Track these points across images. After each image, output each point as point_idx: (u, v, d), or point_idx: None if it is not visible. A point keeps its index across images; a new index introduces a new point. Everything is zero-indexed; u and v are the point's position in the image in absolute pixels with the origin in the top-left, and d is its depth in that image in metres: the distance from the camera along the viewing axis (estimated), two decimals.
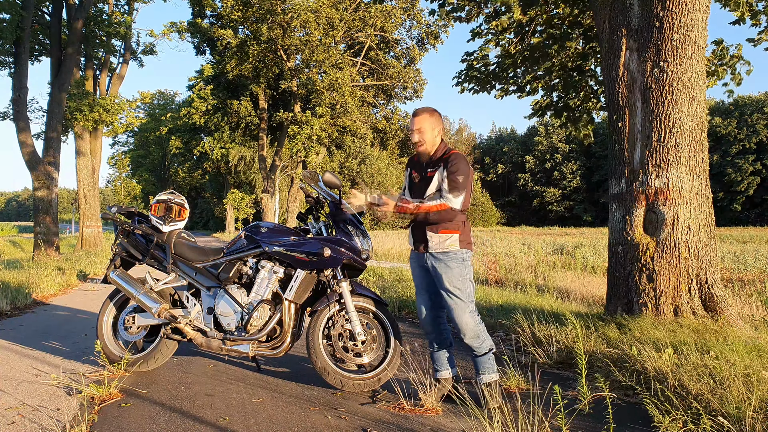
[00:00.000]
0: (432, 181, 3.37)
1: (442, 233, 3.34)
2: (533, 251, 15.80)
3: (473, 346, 3.36)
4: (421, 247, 3.43)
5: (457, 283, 3.33)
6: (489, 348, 3.40)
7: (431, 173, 3.39)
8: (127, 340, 4.13)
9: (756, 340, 3.93)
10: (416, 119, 3.43)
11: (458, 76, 8.59)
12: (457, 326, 3.34)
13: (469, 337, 3.33)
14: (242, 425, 3.05)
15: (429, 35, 30.19)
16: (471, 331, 3.32)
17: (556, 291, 8.26)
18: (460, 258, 3.35)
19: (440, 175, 3.34)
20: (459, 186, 3.29)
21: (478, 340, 3.35)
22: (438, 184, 3.35)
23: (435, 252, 3.37)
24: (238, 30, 27.09)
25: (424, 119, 3.42)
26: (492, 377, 3.38)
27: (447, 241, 3.34)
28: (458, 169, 3.30)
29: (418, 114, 3.45)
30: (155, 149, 57.21)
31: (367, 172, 53.58)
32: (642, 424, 2.99)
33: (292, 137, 26.60)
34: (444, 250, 3.35)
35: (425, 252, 3.42)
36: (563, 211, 69.28)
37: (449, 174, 3.30)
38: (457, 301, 3.33)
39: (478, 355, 3.38)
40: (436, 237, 3.35)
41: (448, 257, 3.34)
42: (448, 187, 3.30)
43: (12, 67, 15.23)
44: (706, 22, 4.81)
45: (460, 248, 3.36)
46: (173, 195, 4.28)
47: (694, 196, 4.66)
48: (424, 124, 3.41)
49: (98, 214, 19.30)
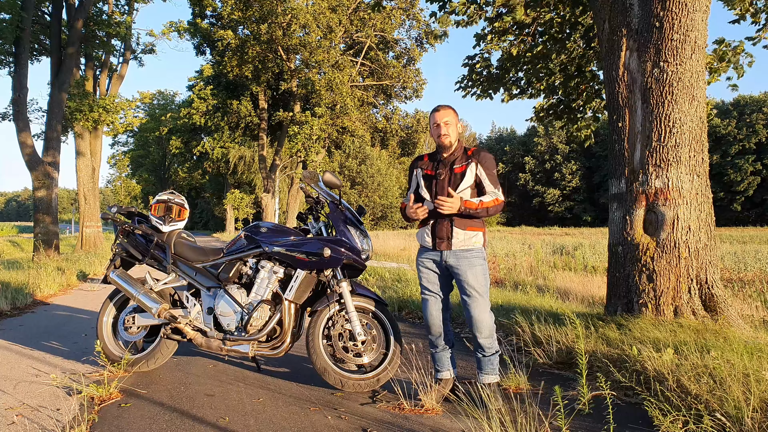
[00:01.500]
0: (465, 176, 3.35)
1: (469, 230, 3.33)
2: (533, 251, 15.80)
3: (485, 345, 3.34)
4: (444, 244, 3.36)
5: (481, 280, 3.33)
6: (497, 350, 3.39)
7: (461, 168, 3.37)
8: (127, 340, 4.13)
9: (756, 340, 3.93)
10: (443, 112, 3.41)
11: (461, 81, 8.61)
12: (475, 323, 3.31)
13: (485, 336, 3.32)
14: (242, 425, 3.05)
15: (428, 35, 30.21)
16: (488, 330, 3.31)
17: (556, 291, 8.27)
18: (482, 256, 3.37)
19: (474, 171, 3.35)
20: (498, 180, 3.39)
21: (491, 340, 3.35)
22: (474, 179, 3.35)
23: (459, 249, 3.34)
24: (238, 30, 27.09)
25: (449, 113, 3.42)
26: (493, 378, 3.38)
27: (473, 238, 3.34)
28: (494, 164, 3.40)
29: (442, 109, 3.43)
30: (155, 149, 57.21)
31: (367, 172, 53.57)
32: (642, 424, 2.98)
33: (292, 137, 26.61)
34: (468, 248, 3.33)
35: (446, 249, 3.36)
36: (563, 211, 69.29)
37: (487, 170, 3.36)
38: (479, 299, 3.31)
39: (486, 355, 3.37)
40: (463, 234, 3.33)
41: (472, 254, 3.34)
42: (491, 182, 3.35)
43: (12, 67, 15.24)
44: (706, 22, 4.81)
45: (482, 246, 3.39)
46: (173, 195, 4.28)
47: (694, 196, 4.65)
48: (450, 118, 3.40)
49: (98, 214, 19.30)
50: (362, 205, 4.24)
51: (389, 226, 52.93)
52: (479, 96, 8.59)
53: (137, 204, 64.01)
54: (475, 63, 8.34)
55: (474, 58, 8.35)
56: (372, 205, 52.98)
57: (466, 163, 3.36)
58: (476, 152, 3.39)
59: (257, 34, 25.14)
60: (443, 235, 3.36)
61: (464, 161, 3.37)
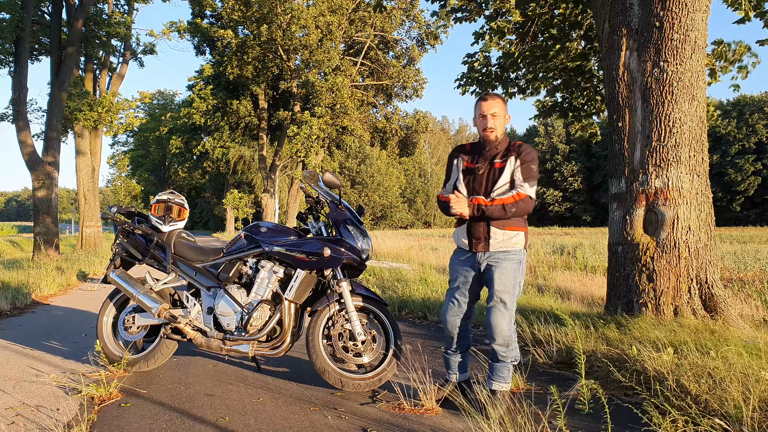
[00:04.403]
0: (504, 172, 3.10)
1: (508, 230, 3.09)
2: (533, 251, 15.79)
3: (499, 352, 3.17)
4: (481, 245, 3.13)
5: (510, 286, 3.11)
6: (514, 358, 3.21)
7: (501, 164, 3.12)
8: (127, 340, 4.13)
9: (756, 340, 3.93)
10: (491, 102, 3.13)
11: (460, 78, 8.61)
12: (492, 329, 3.14)
13: (498, 344, 3.15)
14: (242, 425, 3.05)
15: (429, 36, 30.22)
16: (502, 338, 3.13)
17: (556, 291, 8.26)
18: (518, 259, 3.13)
19: (512, 166, 3.10)
20: (533, 175, 3.10)
21: (506, 349, 3.17)
22: (510, 176, 3.10)
23: (497, 251, 3.11)
24: (238, 30, 27.10)
25: (498, 103, 3.13)
26: (503, 387, 3.22)
27: (514, 238, 3.11)
28: (533, 158, 3.11)
29: (490, 98, 3.15)
30: (155, 149, 57.19)
31: (367, 172, 53.58)
32: (642, 424, 2.98)
33: (292, 137, 26.62)
34: (507, 249, 3.10)
35: (484, 251, 3.13)
36: (563, 211, 69.30)
37: (523, 163, 3.08)
38: (500, 306, 3.10)
39: (497, 361, 3.21)
40: (501, 234, 3.09)
41: (508, 257, 3.11)
42: (523, 175, 3.07)
43: (12, 67, 15.24)
44: (706, 22, 4.81)
45: (523, 248, 3.17)
46: (173, 195, 4.28)
47: (694, 196, 4.66)
48: (498, 109, 3.13)
49: (98, 214, 19.30)
50: (362, 205, 4.23)
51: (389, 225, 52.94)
52: (478, 93, 8.60)
53: (137, 204, 63.98)
54: (475, 61, 8.34)
55: (474, 56, 8.36)
56: (372, 204, 53.00)
57: (506, 158, 3.11)
58: (518, 146, 3.14)
59: (257, 35, 25.15)
60: (480, 236, 3.13)
61: (506, 156, 3.12)
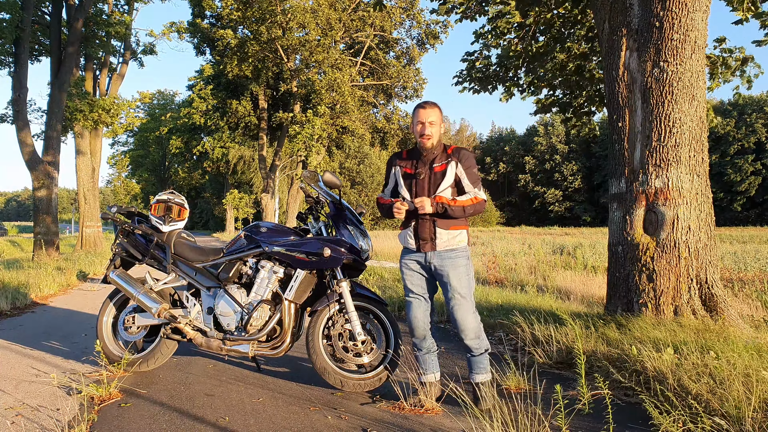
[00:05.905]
0: (446, 176, 3.27)
1: (452, 229, 3.27)
2: (533, 251, 15.80)
3: (473, 346, 3.30)
4: (428, 245, 3.30)
5: (464, 281, 3.28)
6: (486, 348, 3.35)
7: (440, 167, 3.28)
8: (127, 340, 4.13)
9: (756, 340, 3.93)
10: (428, 111, 3.30)
11: (458, 75, 8.60)
12: (460, 326, 3.26)
13: (470, 338, 3.27)
14: (242, 425, 3.05)
15: (429, 35, 30.22)
16: (472, 332, 3.27)
17: (556, 291, 8.27)
18: (466, 255, 3.31)
19: (454, 169, 3.27)
20: (478, 177, 3.32)
21: (478, 341, 3.31)
22: (454, 178, 3.28)
23: (443, 250, 3.28)
24: (238, 30, 27.09)
25: (435, 112, 3.32)
26: (485, 377, 3.34)
27: (457, 237, 3.28)
28: (473, 162, 3.32)
29: (428, 106, 3.32)
30: (155, 149, 57.19)
31: (367, 172, 53.59)
32: (642, 424, 2.98)
33: (293, 137, 26.60)
34: (453, 247, 3.27)
35: (431, 251, 3.30)
36: (563, 211, 69.32)
37: (467, 168, 3.27)
38: (462, 301, 3.26)
39: (475, 355, 3.33)
40: (446, 234, 3.26)
41: (456, 254, 3.28)
42: (470, 181, 3.27)
43: (12, 67, 15.24)
44: (706, 22, 4.81)
45: (467, 245, 3.34)
46: (173, 195, 4.28)
47: (694, 196, 4.65)
48: (435, 117, 3.31)
49: (98, 214, 19.30)
50: (362, 205, 4.23)
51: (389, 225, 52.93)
52: (476, 91, 8.60)
53: (137, 204, 63.98)
54: (475, 59, 8.34)
55: (473, 54, 8.36)
56: (372, 205, 52.98)
57: (446, 162, 3.28)
58: (456, 151, 3.32)
59: (257, 34, 25.15)
60: (426, 236, 3.30)
61: (444, 160, 3.29)
